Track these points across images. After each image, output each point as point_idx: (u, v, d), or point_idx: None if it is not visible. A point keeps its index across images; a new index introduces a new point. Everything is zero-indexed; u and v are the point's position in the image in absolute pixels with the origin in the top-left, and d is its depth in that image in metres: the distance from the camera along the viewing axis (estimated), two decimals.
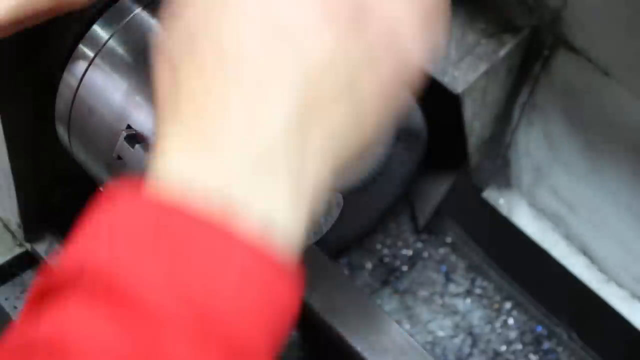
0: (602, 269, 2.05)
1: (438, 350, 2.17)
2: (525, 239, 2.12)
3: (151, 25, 1.39)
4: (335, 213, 1.41)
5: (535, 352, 2.16)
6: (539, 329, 2.17)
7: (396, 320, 1.88)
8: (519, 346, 2.17)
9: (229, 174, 0.86)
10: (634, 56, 1.87)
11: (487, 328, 2.20)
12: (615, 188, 1.99)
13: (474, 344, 2.18)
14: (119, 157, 1.34)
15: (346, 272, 2.22)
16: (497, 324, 2.20)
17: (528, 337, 2.18)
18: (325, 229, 1.42)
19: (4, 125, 1.46)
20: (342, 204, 1.41)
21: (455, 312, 2.22)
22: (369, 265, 2.26)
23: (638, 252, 1.99)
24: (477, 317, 2.21)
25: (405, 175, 2.20)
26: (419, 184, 2.28)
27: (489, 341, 2.18)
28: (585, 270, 2.06)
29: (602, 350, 2.03)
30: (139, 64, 1.37)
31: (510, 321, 2.20)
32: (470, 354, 2.17)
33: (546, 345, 2.16)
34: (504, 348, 2.17)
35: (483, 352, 2.17)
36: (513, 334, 2.19)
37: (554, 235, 2.10)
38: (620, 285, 2.03)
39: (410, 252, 2.29)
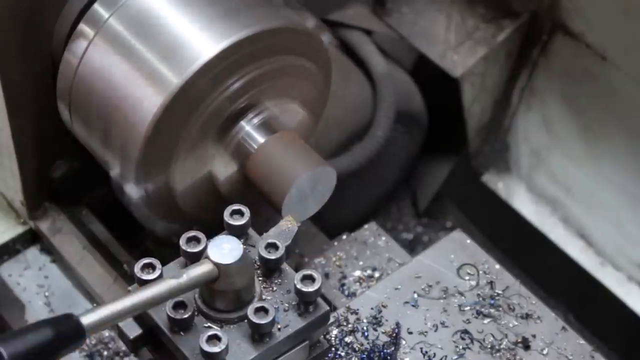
0: (598, 252, 2.07)
1: None
2: (523, 222, 2.14)
3: (150, 5, 1.41)
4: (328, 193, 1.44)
5: None
6: None
7: None
8: None
9: None
10: (631, 41, 1.89)
11: None
12: (612, 172, 2.01)
13: None
14: None
15: None
16: None
17: None
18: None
19: (8, 102, 1.49)
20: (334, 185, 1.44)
21: None
22: None
23: (634, 235, 2.01)
24: None
25: (405, 160, 2.21)
26: (420, 169, 2.29)
27: None
28: (582, 253, 2.08)
29: (599, 331, 2.05)
30: (138, 42, 1.39)
31: None
32: None
33: None
34: None
35: None
36: None
37: (552, 218, 2.12)
38: (616, 267, 2.05)
39: (410, 236, 2.30)
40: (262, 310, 1.24)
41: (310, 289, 1.27)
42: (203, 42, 1.36)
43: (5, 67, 1.46)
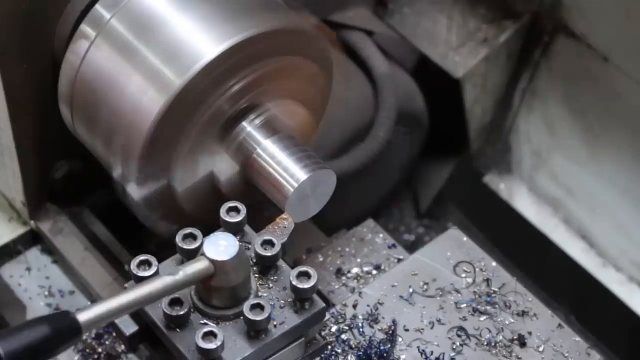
0: (600, 253, 2.07)
1: None
2: (525, 223, 2.14)
3: (152, 6, 1.41)
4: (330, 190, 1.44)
5: None
6: None
7: None
8: None
9: None
10: (632, 42, 1.89)
11: None
12: (614, 173, 2.01)
13: None
14: None
15: None
16: None
17: None
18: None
19: (9, 102, 1.49)
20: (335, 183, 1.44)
21: None
22: None
23: (636, 237, 2.01)
24: None
25: (406, 160, 2.21)
26: (421, 169, 2.30)
27: None
28: (584, 254, 2.08)
29: (600, 332, 2.05)
30: (139, 43, 1.40)
31: None
32: None
33: None
34: None
35: None
36: None
37: (553, 219, 2.12)
38: (617, 268, 2.05)
39: (412, 237, 2.30)
40: (257, 306, 1.25)
41: (305, 285, 1.27)
42: (205, 43, 1.36)
43: (7, 68, 1.46)
